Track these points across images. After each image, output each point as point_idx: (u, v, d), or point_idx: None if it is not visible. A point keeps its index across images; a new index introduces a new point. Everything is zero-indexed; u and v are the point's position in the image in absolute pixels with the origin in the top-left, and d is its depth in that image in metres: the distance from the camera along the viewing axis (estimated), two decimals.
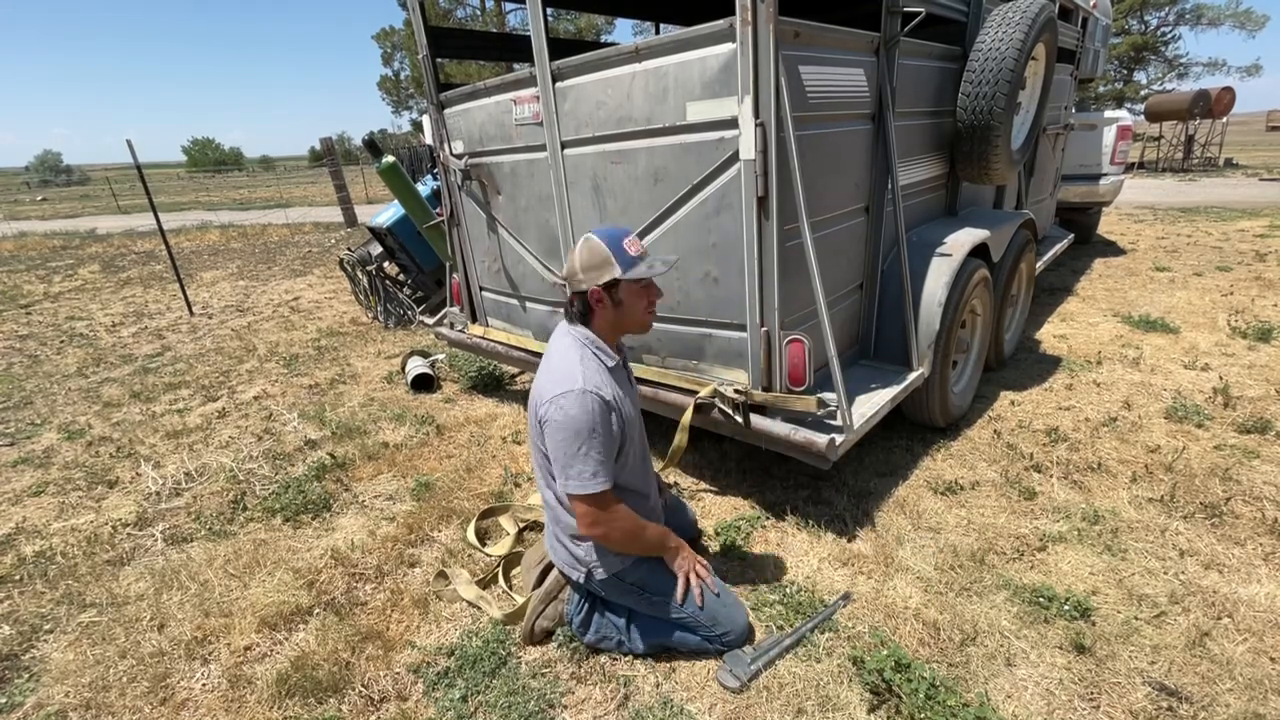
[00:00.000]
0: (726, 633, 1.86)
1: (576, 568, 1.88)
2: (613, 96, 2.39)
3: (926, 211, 3.20)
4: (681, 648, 1.89)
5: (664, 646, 1.90)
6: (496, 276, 3.45)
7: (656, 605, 1.88)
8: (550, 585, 2.00)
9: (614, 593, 1.90)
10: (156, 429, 3.83)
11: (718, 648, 1.87)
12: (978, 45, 2.86)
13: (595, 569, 1.86)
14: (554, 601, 1.99)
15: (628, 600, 1.91)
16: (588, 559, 1.86)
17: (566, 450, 1.67)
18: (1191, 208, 9.85)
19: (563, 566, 1.94)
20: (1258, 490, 2.53)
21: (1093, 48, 5.33)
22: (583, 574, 1.88)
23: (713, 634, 1.86)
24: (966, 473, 2.78)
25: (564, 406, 1.66)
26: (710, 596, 1.87)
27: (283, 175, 49.03)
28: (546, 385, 1.72)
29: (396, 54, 33.95)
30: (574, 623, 1.95)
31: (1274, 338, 4.06)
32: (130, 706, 1.86)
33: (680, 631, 1.87)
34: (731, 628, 1.87)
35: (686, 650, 1.90)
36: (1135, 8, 28.14)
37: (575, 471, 1.68)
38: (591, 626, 1.93)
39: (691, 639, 1.87)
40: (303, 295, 7.37)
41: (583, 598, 1.94)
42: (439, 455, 3.27)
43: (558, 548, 1.93)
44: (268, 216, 16.88)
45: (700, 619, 1.85)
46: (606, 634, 1.92)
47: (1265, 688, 1.69)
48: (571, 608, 1.96)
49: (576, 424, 1.65)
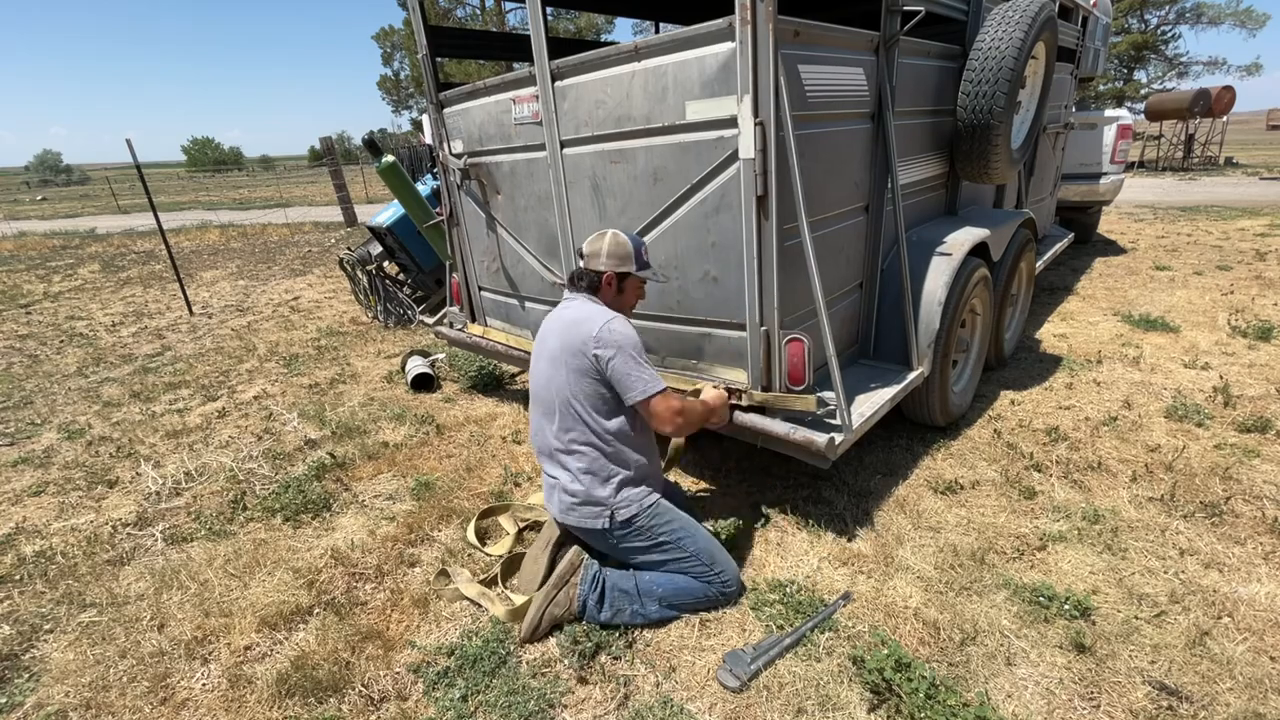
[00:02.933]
0: (722, 571, 2.06)
1: (599, 514, 2.04)
2: (612, 96, 2.38)
3: (926, 211, 3.20)
4: (685, 601, 2.04)
5: (671, 605, 2.03)
6: (496, 276, 3.45)
7: (665, 550, 2.05)
8: (562, 570, 2.05)
9: (629, 539, 2.05)
10: (156, 429, 3.83)
11: (717, 589, 2.05)
12: (978, 44, 2.86)
13: (618, 509, 2.03)
14: (566, 586, 2.03)
15: (638, 544, 2.06)
16: (610, 500, 2.02)
17: (632, 363, 1.96)
18: (1192, 207, 9.85)
19: (583, 521, 2.06)
20: (1258, 489, 2.53)
21: (1093, 46, 5.32)
22: (606, 518, 2.03)
23: (710, 574, 2.04)
24: (966, 472, 2.78)
25: (615, 329, 1.98)
26: (705, 536, 2.11)
27: (282, 175, 49.01)
28: (586, 326, 1.99)
29: (396, 53, 33.95)
30: (589, 602, 2.00)
31: (1274, 337, 4.06)
32: (130, 706, 1.86)
33: (683, 580, 2.03)
34: (726, 568, 2.08)
35: (690, 604, 2.04)
36: (1135, 6, 28.11)
37: (646, 376, 1.96)
38: (606, 601, 2.00)
39: (694, 585, 2.03)
40: (303, 295, 7.37)
41: (597, 573, 2.04)
42: (439, 455, 3.27)
43: (578, 505, 2.06)
44: (267, 216, 16.87)
45: (701, 558, 2.04)
46: (620, 606, 2.00)
47: (1265, 687, 1.69)
48: (586, 587, 2.02)
49: (631, 338, 1.99)
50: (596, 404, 2.02)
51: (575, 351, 2.00)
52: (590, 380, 2.00)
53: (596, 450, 2.04)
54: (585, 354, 1.98)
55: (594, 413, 2.02)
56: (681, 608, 2.04)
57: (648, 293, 2.63)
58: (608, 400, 2.02)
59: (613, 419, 2.04)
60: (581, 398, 2.02)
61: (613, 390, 2.01)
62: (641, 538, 2.05)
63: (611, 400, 2.03)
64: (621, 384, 1.97)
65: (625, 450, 2.06)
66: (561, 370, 2.04)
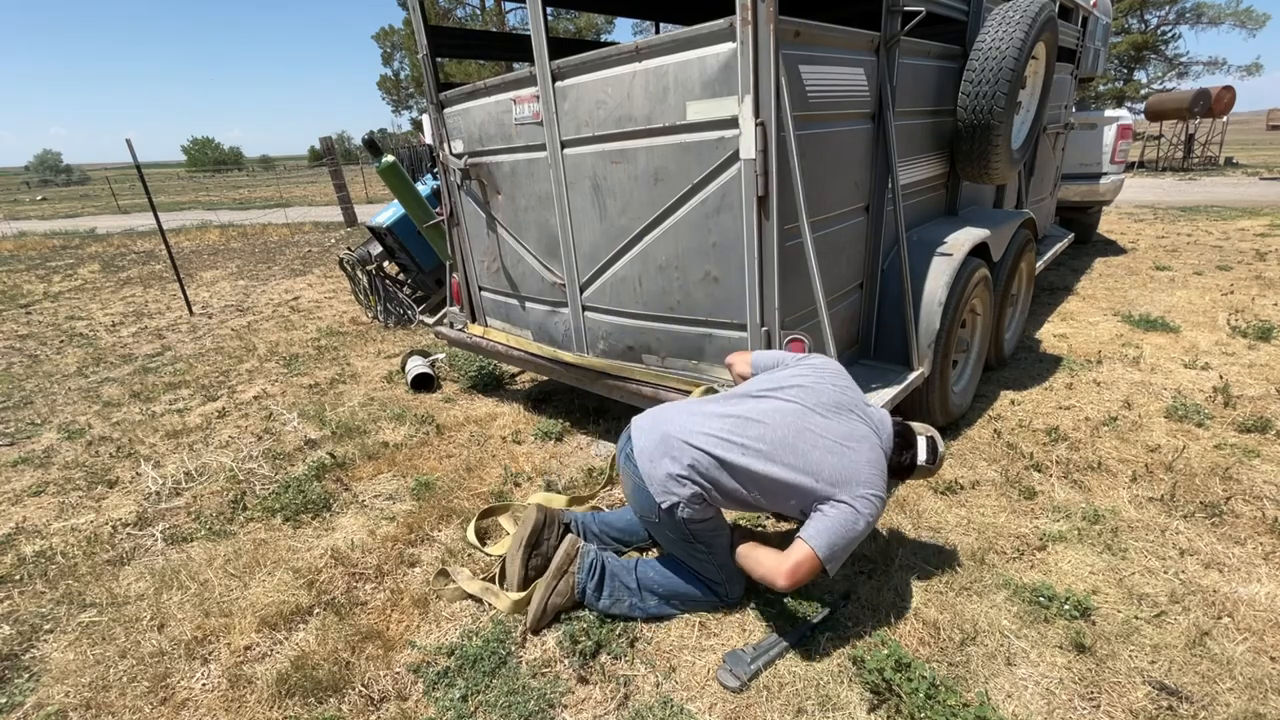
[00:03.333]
0: (733, 588, 2.03)
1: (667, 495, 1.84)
2: (613, 96, 2.38)
3: (926, 211, 3.20)
4: (683, 601, 2.03)
5: (669, 603, 2.03)
6: (496, 276, 3.45)
7: (696, 548, 1.97)
8: (560, 560, 2.04)
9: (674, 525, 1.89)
10: (156, 429, 3.83)
11: (718, 599, 2.03)
12: (978, 44, 2.86)
13: (681, 509, 1.84)
14: (564, 575, 2.03)
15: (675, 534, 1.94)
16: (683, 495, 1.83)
17: (849, 532, 1.76)
18: (1192, 207, 9.85)
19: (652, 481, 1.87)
20: (1258, 489, 2.53)
21: (1093, 47, 5.32)
22: (669, 503, 1.84)
23: (721, 586, 2.01)
24: (966, 472, 2.78)
25: (876, 507, 1.80)
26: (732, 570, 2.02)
27: (282, 175, 49.00)
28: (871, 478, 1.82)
29: (396, 53, 33.97)
30: (588, 589, 2.00)
31: (1274, 337, 4.06)
32: (130, 706, 1.86)
33: (684, 582, 2.02)
34: (737, 585, 2.04)
35: (689, 605, 2.03)
36: (1135, 7, 28.13)
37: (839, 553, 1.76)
38: (605, 590, 2.00)
39: (695, 589, 2.02)
40: (303, 295, 7.36)
41: (595, 558, 2.04)
42: (439, 455, 3.27)
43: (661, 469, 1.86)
44: (267, 216, 16.87)
45: (722, 571, 2.00)
46: (619, 597, 2.01)
47: (1265, 687, 1.69)
48: (584, 575, 2.01)
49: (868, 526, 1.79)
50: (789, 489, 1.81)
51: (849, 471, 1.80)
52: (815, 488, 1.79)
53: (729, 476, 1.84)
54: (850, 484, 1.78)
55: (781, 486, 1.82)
56: (680, 606, 2.04)
57: (650, 293, 2.63)
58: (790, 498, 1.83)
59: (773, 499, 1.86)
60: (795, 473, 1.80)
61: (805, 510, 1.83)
62: (682, 531, 1.91)
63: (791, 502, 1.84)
64: (827, 521, 1.76)
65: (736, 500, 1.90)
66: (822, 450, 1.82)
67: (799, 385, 1.95)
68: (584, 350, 3.06)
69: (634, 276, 2.65)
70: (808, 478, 1.79)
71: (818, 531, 1.75)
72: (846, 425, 1.88)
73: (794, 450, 1.82)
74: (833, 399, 1.92)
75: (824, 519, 1.77)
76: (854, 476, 1.79)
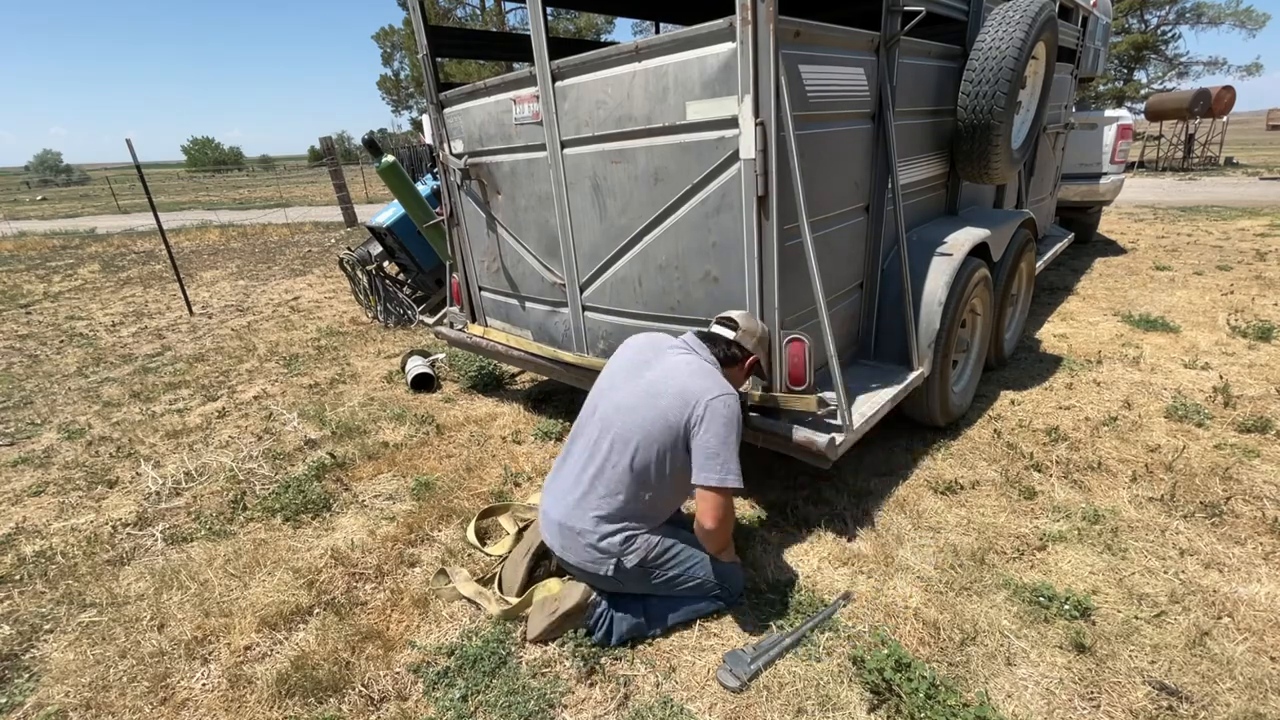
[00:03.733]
0: (731, 587, 2.04)
1: (603, 561, 1.91)
2: (613, 96, 2.38)
3: (926, 211, 3.20)
4: (691, 617, 2.03)
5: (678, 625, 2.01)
6: (496, 276, 3.45)
7: (673, 584, 1.98)
8: (572, 610, 1.95)
9: (633, 580, 1.95)
10: (156, 429, 3.83)
11: (724, 602, 2.05)
12: (978, 44, 2.86)
13: (625, 557, 1.91)
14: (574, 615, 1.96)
15: (645, 585, 1.97)
16: (616, 549, 1.90)
17: (726, 443, 1.82)
18: (1192, 207, 9.85)
19: (583, 564, 1.93)
20: (1258, 489, 2.53)
21: (1093, 46, 5.32)
22: (610, 565, 1.91)
23: (720, 590, 2.02)
24: (966, 472, 2.78)
25: (732, 405, 1.86)
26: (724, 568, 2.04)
27: (282, 175, 48.99)
28: (707, 384, 1.88)
29: (396, 53, 33.97)
30: (596, 635, 1.96)
31: (1274, 337, 4.06)
32: (130, 706, 1.86)
33: (694, 603, 2.02)
34: (734, 581, 2.06)
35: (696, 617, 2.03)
36: (1135, 6, 28.12)
37: (732, 466, 1.82)
38: (614, 636, 1.95)
39: (701, 605, 2.03)
40: (303, 295, 7.36)
41: (604, 610, 1.97)
42: (439, 455, 3.27)
43: (579, 546, 1.92)
44: (267, 216, 16.87)
45: (710, 579, 2.01)
46: (627, 636, 1.97)
47: (1265, 687, 1.69)
48: (593, 623, 1.96)
49: (737, 421, 1.85)
50: (661, 457, 1.87)
51: (675, 399, 1.85)
52: (672, 433, 1.85)
53: (625, 499, 1.89)
54: (687, 408, 1.83)
55: (652, 462, 1.87)
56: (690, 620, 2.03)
57: (650, 293, 2.63)
58: (674, 461, 1.88)
59: (666, 477, 1.91)
60: (650, 443, 1.86)
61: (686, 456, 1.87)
62: (651, 576, 1.95)
63: (679, 463, 1.89)
64: (702, 455, 1.81)
65: (658, 507, 1.98)
66: (649, 408, 1.88)
67: (597, 391, 2.08)
68: (584, 350, 3.06)
69: (634, 276, 2.65)
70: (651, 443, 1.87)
71: (699, 469, 1.83)
72: (649, 375, 1.96)
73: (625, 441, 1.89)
74: (627, 368, 2.03)
75: (696, 456, 1.83)
76: (686, 402, 1.85)
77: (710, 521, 1.84)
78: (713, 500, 1.83)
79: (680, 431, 1.85)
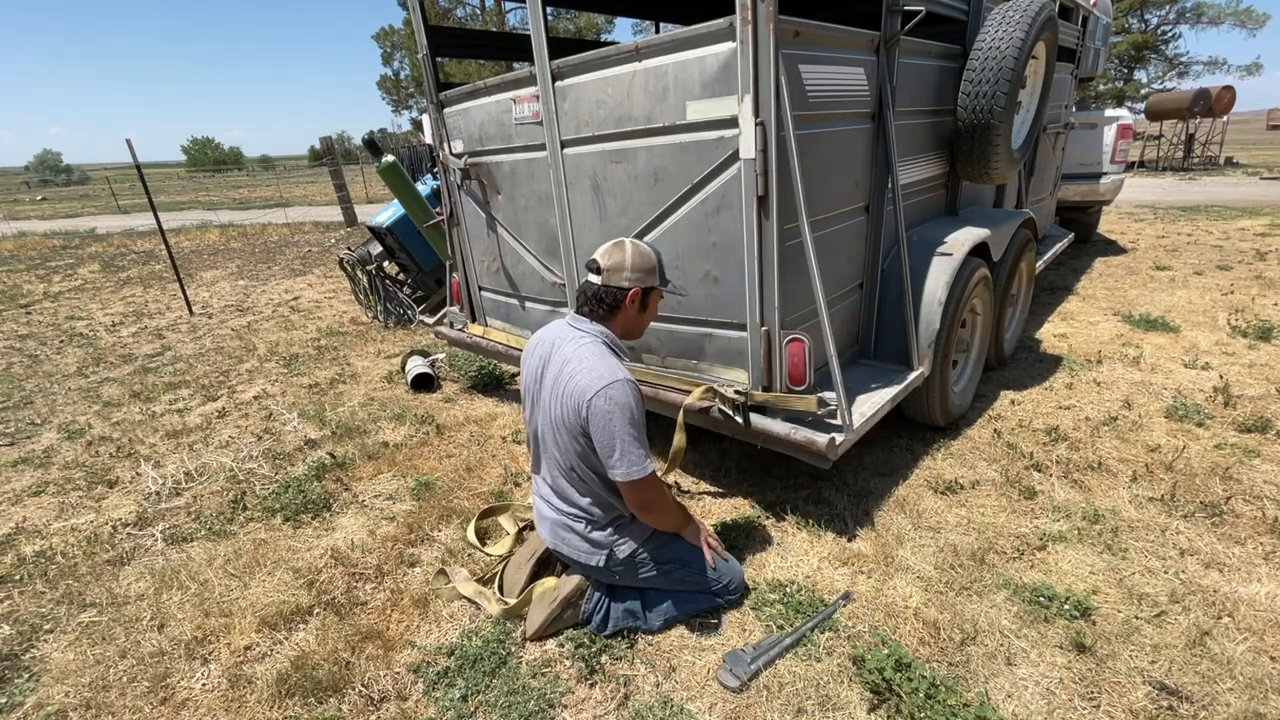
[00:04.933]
0: (730, 582, 2.02)
1: (595, 553, 1.93)
2: (612, 96, 2.38)
3: (927, 211, 3.19)
4: (691, 613, 2.02)
5: (675, 619, 2.01)
6: (496, 276, 3.45)
7: (669, 575, 1.98)
8: (571, 593, 1.99)
9: (628, 572, 1.96)
10: (156, 429, 3.83)
11: (724, 600, 2.03)
12: (978, 44, 2.86)
13: (617, 547, 1.92)
14: (572, 606, 2.00)
15: (641, 576, 1.97)
16: (607, 540, 1.93)
17: (622, 437, 1.75)
18: (1192, 207, 9.85)
19: (578, 556, 1.97)
20: (1258, 489, 2.53)
21: (1093, 46, 5.32)
22: (602, 557, 1.92)
23: (718, 586, 2.01)
24: (966, 472, 2.78)
25: (613, 396, 1.74)
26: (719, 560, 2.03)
27: (282, 175, 48.98)
28: (586, 380, 1.77)
29: (396, 53, 33.96)
30: (593, 622, 1.98)
31: (1274, 337, 4.06)
32: (130, 706, 1.86)
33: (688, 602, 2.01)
34: (732, 577, 2.04)
35: (696, 613, 2.02)
36: (1136, 6, 28.11)
37: (634, 457, 1.76)
38: (610, 621, 1.98)
39: (699, 600, 2.02)
40: (303, 295, 7.36)
41: (601, 595, 2.00)
42: (439, 455, 3.27)
43: (571, 538, 1.97)
44: (267, 216, 16.87)
45: (707, 573, 1.99)
46: (624, 625, 1.99)
47: (1266, 687, 1.69)
48: (590, 606, 1.99)
49: (630, 411, 1.76)
50: (586, 458, 1.87)
51: (568, 405, 1.82)
52: (581, 440, 1.84)
53: (596, 494, 1.91)
54: (578, 412, 1.79)
55: (581, 466, 1.88)
56: (687, 617, 2.04)
57: None
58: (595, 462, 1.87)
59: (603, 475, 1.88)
60: (575, 452, 1.87)
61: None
62: (645, 568, 1.96)
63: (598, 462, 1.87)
64: (605, 453, 1.78)
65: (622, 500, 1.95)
66: (554, 413, 1.88)
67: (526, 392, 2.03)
68: None
69: None
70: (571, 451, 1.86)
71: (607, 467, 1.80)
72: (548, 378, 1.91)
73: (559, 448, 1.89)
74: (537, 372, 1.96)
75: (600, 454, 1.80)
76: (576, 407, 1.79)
77: (636, 508, 1.88)
78: (629, 489, 1.83)
79: (582, 436, 1.82)
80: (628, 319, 1.95)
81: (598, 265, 1.90)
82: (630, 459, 1.76)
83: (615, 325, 1.94)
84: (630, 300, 1.89)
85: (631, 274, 1.88)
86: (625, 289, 1.88)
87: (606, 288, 1.89)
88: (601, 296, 1.90)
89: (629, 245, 1.90)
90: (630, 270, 1.87)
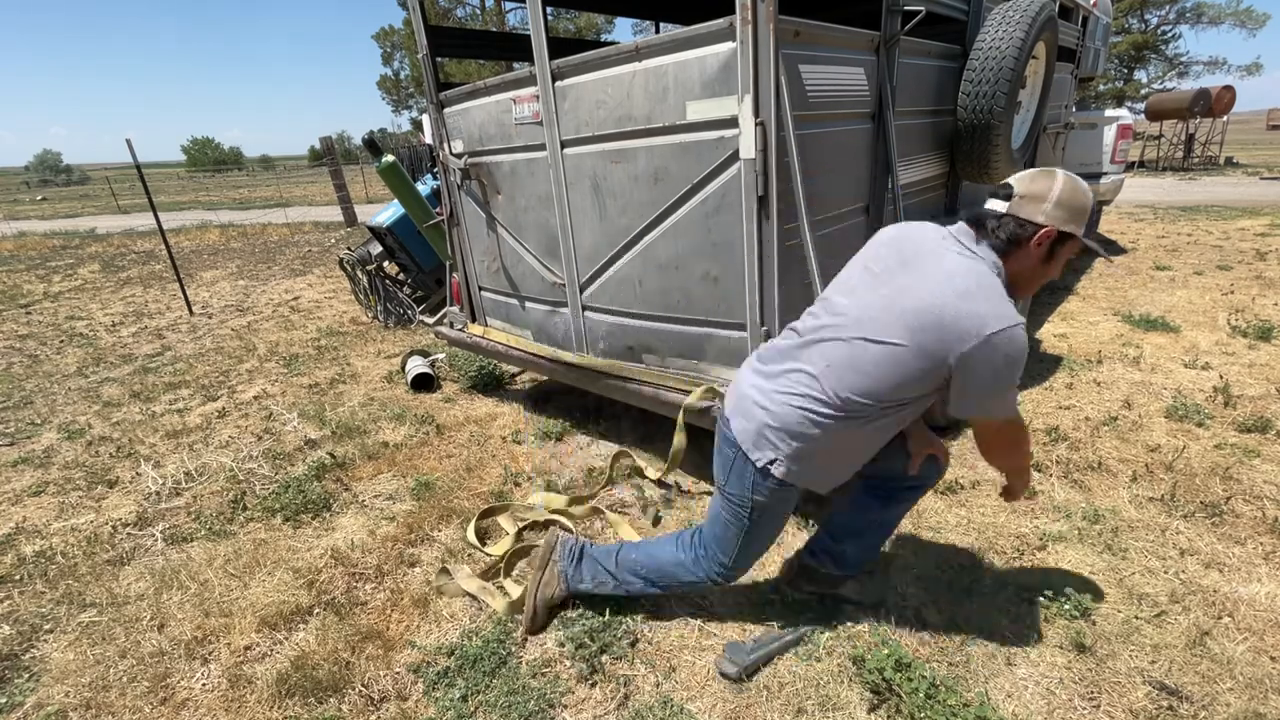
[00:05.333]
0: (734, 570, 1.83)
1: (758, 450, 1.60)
2: (613, 96, 2.38)
3: (926, 210, 3.19)
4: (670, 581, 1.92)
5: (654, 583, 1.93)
6: (496, 276, 3.45)
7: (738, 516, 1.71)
8: (542, 552, 2.06)
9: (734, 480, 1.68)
10: (156, 429, 3.83)
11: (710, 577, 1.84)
12: (978, 44, 2.86)
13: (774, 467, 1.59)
14: (549, 566, 2.04)
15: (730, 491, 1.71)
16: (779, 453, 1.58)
17: (1005, 383, 1.43)
18: (1192, 207, 9.85)
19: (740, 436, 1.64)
20: (1258, 489, 2.53)
21: (1093, 46, 5.32)
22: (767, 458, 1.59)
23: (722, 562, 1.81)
24: (967, 472, 2.78)
25: (1014, 339, 1.38)
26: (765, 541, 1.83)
27: (282, 175, 48.97)
28: (986, 308, 1.39)
29: (396, 53, 33.99)
30: (569, 573, 2.02)
31: (1274, 337, 4.06)
32: (130, 706, 1.86)
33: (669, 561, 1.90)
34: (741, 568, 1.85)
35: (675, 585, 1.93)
36: (1136, 6, 28.14)
37: (1010, 400, 1.47)
38: (586, 572, 2.01)
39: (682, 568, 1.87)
40: (303, 295, 7.36)
41: (573, 548, 2.05)
42: (439, 455, 3.27)
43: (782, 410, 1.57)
44: (267, 216, 16.86)
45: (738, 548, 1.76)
46: (602, 580, 2.00)
47: (1266, 687, 1.69)
48: (566, 561, 2.03)
49: (1020, 361, 1.41)
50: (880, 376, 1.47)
51: (935, 325, 1.40)
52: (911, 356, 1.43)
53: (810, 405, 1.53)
54: (962, 340, 1.38)
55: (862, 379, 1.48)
56: (667, 587, 1.94)
57: (650, 293, 2.63)
58: (901, 383, 1.47)
59: (866, 397, 1.49)
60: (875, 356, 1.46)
61: (922, 384, 1.47)
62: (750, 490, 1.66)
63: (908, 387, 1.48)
64: (969, 392, 1.44)
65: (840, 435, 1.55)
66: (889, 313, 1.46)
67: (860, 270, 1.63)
68: (584, 350, 3.06)
69: (634, 276, 2.65)
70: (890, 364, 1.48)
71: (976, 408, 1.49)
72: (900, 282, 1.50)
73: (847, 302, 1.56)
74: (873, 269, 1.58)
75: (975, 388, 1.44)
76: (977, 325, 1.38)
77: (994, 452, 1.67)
78: (994, 430, 1.58)
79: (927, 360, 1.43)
80: (1024, 265, 1.50)
81: (1010, 190, 1.48)
82: (1007, 400, 1.47)
83: (1011, 266, 1.50)
84: (1038, 242, 1.46)
85: (1055, 210, 1.44)
86: (1039, 225, 1.45)
87: (1014, 217, 1.46)
88: (1001, 228, 1.47)
89: (1061, 174, 1.47)
90: (1055, 205, 1.44)
